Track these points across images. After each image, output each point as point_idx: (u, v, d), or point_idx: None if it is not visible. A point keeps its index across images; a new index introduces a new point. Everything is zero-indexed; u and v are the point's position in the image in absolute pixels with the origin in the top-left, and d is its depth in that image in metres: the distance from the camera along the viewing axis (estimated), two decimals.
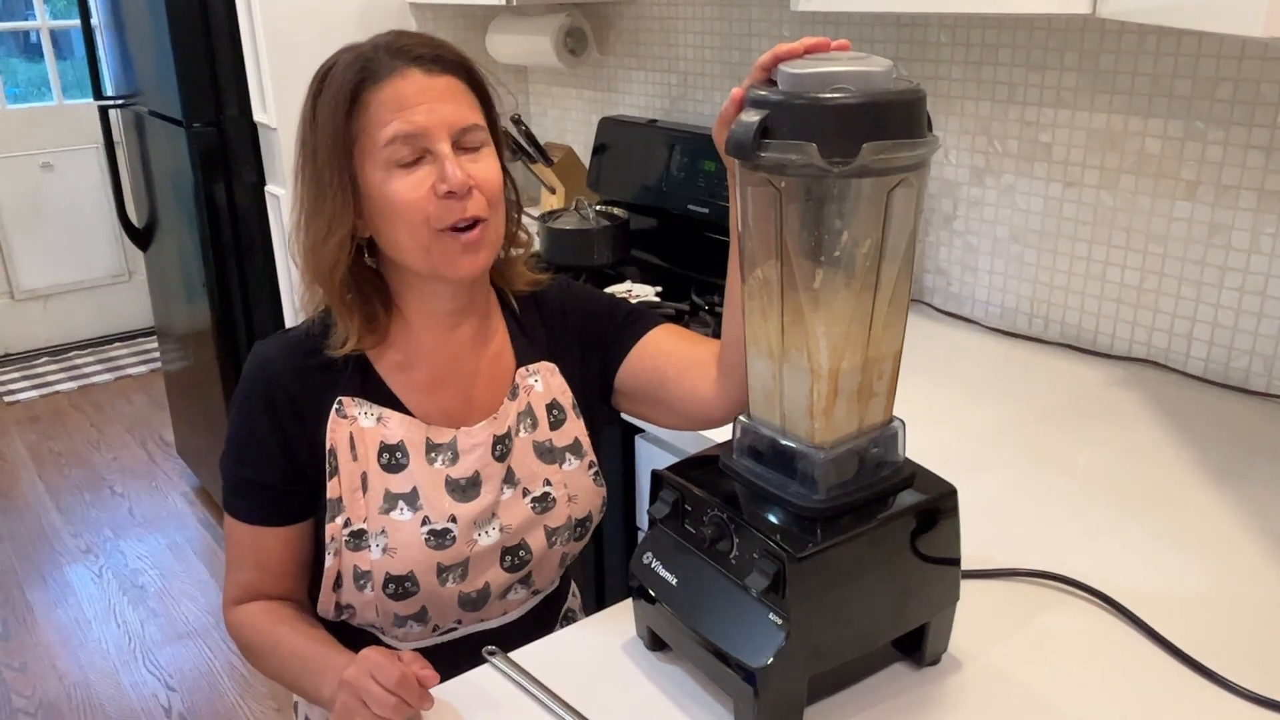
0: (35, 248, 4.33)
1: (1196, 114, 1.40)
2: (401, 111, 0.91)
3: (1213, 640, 0.91)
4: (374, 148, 0.92)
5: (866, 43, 1.81)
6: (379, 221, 0.94)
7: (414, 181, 0.92)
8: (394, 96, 0.92)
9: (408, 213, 0.92)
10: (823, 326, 0.79)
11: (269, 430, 0.97)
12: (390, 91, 0.92)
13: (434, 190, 0.92)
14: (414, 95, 0.92)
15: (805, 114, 0.73)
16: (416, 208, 0.92)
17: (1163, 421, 1.34)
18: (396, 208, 0.92)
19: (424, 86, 0.93)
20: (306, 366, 0.98)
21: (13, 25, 4.37)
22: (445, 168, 0.92)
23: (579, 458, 1.07)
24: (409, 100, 0.92)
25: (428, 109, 0.92)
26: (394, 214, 0.93)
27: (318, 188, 0.94)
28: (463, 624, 1.04)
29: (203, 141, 2.45)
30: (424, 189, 0.92)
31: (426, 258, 0.94)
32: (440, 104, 0.93)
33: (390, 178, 0.92)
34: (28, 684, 2.38)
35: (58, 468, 3.42)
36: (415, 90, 0.92)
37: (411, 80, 0.92)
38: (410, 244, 0.94)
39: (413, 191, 0.92)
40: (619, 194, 2.23)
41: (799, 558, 0.76)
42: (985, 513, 1.13)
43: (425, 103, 0.92)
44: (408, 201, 0.92)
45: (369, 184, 0.93)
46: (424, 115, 0.92)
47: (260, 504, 0.99)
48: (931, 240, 1.80)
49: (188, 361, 2.98)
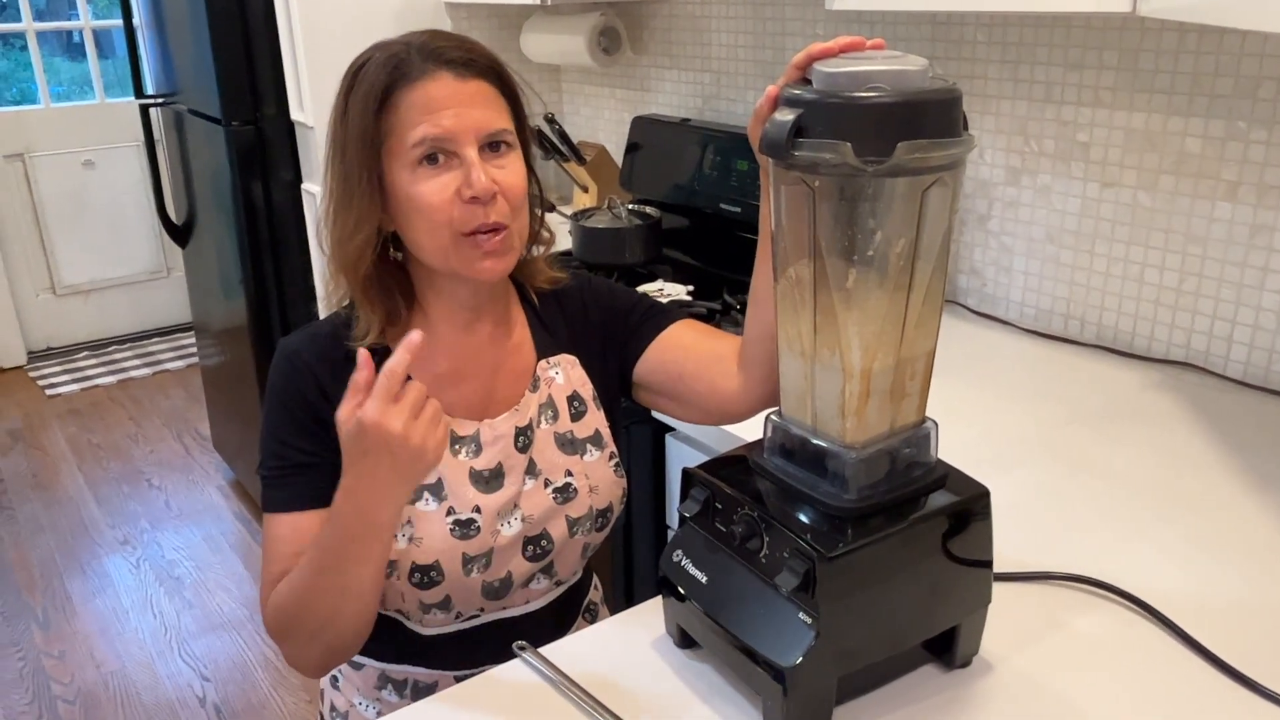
0: (76, 244, 4.41)
1: (1238, 114, 1.38)
2: (431, 114, 0.92)
3: (1249, 646, 0.90)
4: (402, 148, 0.93)
5: (902, 42, 1.80)
6: (403, 219, 0.96)
7: (439, 184, 0.93)
8: (424, 99, 0.92)
9: (431, 215, 0.93)
10: (855, 326, 0.78)
11: (304, 413, 0.98)
12: (420, 93, 0.92)
13: (459, 194, 0.93)
14: (444, 99, 0.93)
15: (840, 113, 0.73)
16: (440, 210, 0.93)
17: (1200, 425, 1.32)
18: (420, 209, 0.93)
19: (454, 90, 0.93)
20: (333, 358, 0.99)
21: (56, 25, 4.45)
22: (471, 174, 0.92)
23: (600, 449, 1.08)
24: (438, 103, 0.92)
25: (456, 113, 0.93)
26: (417, 214, 0.94)
27: (346, 183, 0.95)
28: (485, 612, 1.05)
29: (241, 140, 2.48)
30: (449, 192, 0.93)
31: (446, 259, 0.95)
32: (469, 108, 0.94)
33: (416, 179, 0.93)
34: (66, 672, 2.42)
35: (97, 460, 3.47)
36: (445, 94, 0.93)
37: (442, 83, 0.93)
38: (431, 244, 0.95)
39: (438, 194, 0.93)
40: (651, 193, 2.23)
41: (829, 557, 0.76)
42: (1018, 515, 1.12)
43: (454, 106, 0.93)
44: (432, 204, 0.93)
45: (395, 183, 0.94)
46: (452, 119, 0.92)
47: (299, 485, 0.98)
48: (966, 241, 1.79)
49: (224, 357, 3.02)
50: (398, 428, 0.82)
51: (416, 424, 0.83)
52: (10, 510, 3.15)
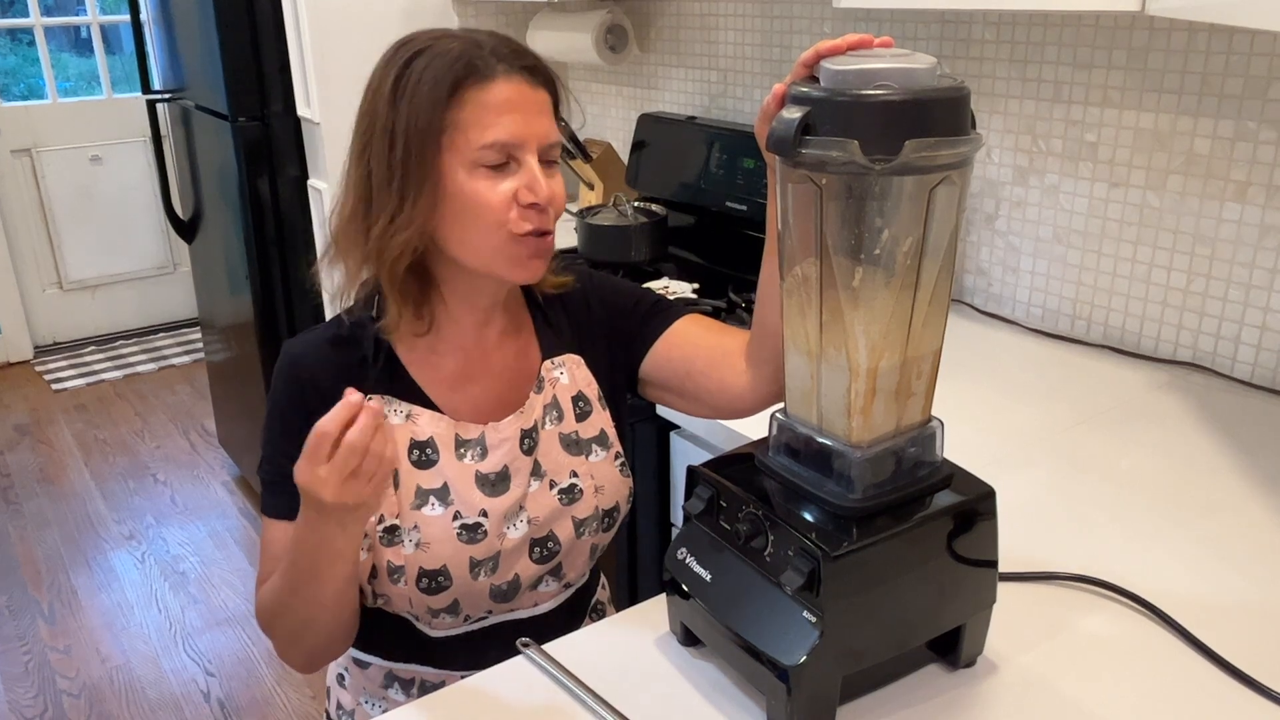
0: (83, 239, 4.42)
1: (1248, 114, 1.37)
2: (505, 116, 0.91)
3: (1256, 648, 0.90)
4: (466, 145, 0.91)
5: (910, 40, 1.79)
6: (451, 216, 0.93)
7: (500, 187, 0.92)
8: (499, 100, 0.92)
9: (488, 215, 0.92)
10: (861, 325, 0.78)
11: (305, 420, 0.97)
12: (496, 94, 0.92)
13: (517, 198, 0.93)
14: (518, 103, 0.92)
15: (847, 111, 0.73)
16: (499, 212, 0.92)
17: (1208, 426, 1.32)
18: (477, 208, 0.92)
19: (528, 97, 0.93)
20: (338, 363, 0.99)
21: (64, 20, 4.46)
22: (537, 181, 0.93)
23: (605, 449, 1.08)
24: (513, 106, 0.92)
25: (526, 120, 0.93)
26: (472, 214, 0.93)
27: (393, 172, 0.92)
28: (493, 614, 1.05)
29: (248, 136, 2.48)
30: (508, 195, 0.92)
31: (492, 259, 0.95)
32: (537, 116, 0.94)
33: (475, 178, 0.92)
34: (71, 666, 2.43)
35: (103, 455, 3.48)
36: (521, 98, 0.93)
37: (516, 87, 0.93)
38: (481, 244, 0.94)
39: (498, 196, 0.92)
40: (657, 190, 2.23)
41: (834, 556, 0.76)
42: (1024, 515, 1.11)
43: (525, 113, 0.93)
44: (491, 205, 0.92)
45: (450, 179, 0.92)
46: (523, 125, 0.92)
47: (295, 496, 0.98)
48: (973, 240, 1.78)
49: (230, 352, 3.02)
50: (327, 495, 0.81)
51: (347, 484, 0.81)
52: (17, 505, 3.16)
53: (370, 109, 0.94)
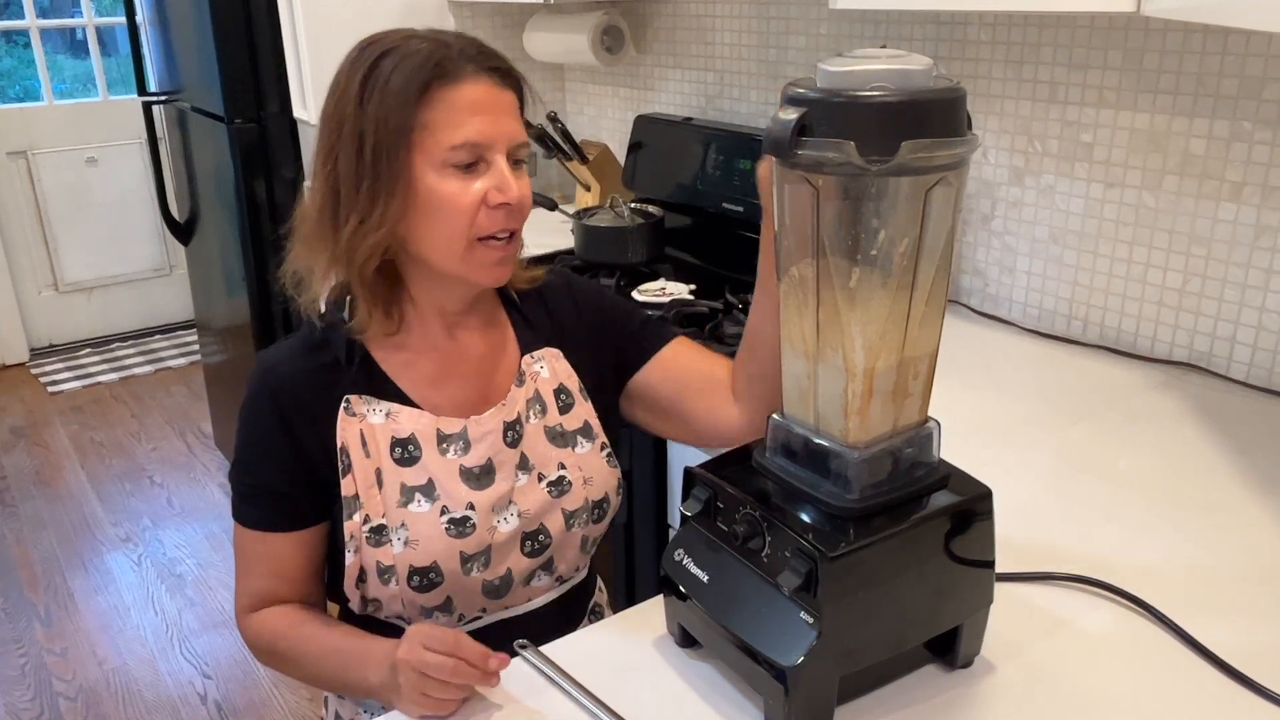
0: (79, 241, 4.41)
1: (1243, 114, 1.37)
2: (475, 117, 0.92)
3: (1252, 648, 0.90)
4: (436, 146, 0.92)
5: (906, 41, 1.80)
6: (418, 217, 0.94)
7: (469, 188, 0.93)
8: (468, 101, 0.92)
9: (455, 216, 0.93)
10: (858, 326, 0.78)
11: (279, 434, 0.98)
12: (466, 95, 0.92)
13: (486, 199, 0.93)
14: (487, 104, 0.93)
15: (844, 112, 0.73)
16: (466, 213, 0.93)
17: (1204, 426, 1.32)
18: (445, 210, 0.93)
19: (496, 97, 0.94)
20: (311, 368, 0.99)
21: (60, 23, 4.45)
22: (506, 181, 0.93)
23: (590, 440, 1.08)
24: (482, 108, 0.93)
25: (495, 120, 0.93)
26: (439, 215, 0.93)
27: (362, 174, 0.92)
28: (488, 612, 1.05)
29: (244, 137, 2.48)
30: (476, 197, 0.93)
31: (458, 262, 0.96)
32: (505, 117, 0.95)
33: (445, 178, 0.92)
34: (68, 669, 2.42)
35: (99, 457, 3.48)
36: (489, 100, 0.93)
37: (485, 89, 0.93)
38: (447, 246, 0.95)
39: (466, 197, 0.93)
40: (654, 192, 2.23)
41: (831, 557, 0.76)
42: (1021, 515, 1.12)
43: (494, 113, 0.93)
44: (459, 206, 0.93)
45: (420, 180, 0.93)
46: (493, 126, 0.93)
47: (272, 510, 1.00)
48: (969, 241, 1.78)
49: (226, 354, 3.02)
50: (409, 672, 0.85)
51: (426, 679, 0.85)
52: (13, 507, 3.16)
53: (337, 110, 0.94)
